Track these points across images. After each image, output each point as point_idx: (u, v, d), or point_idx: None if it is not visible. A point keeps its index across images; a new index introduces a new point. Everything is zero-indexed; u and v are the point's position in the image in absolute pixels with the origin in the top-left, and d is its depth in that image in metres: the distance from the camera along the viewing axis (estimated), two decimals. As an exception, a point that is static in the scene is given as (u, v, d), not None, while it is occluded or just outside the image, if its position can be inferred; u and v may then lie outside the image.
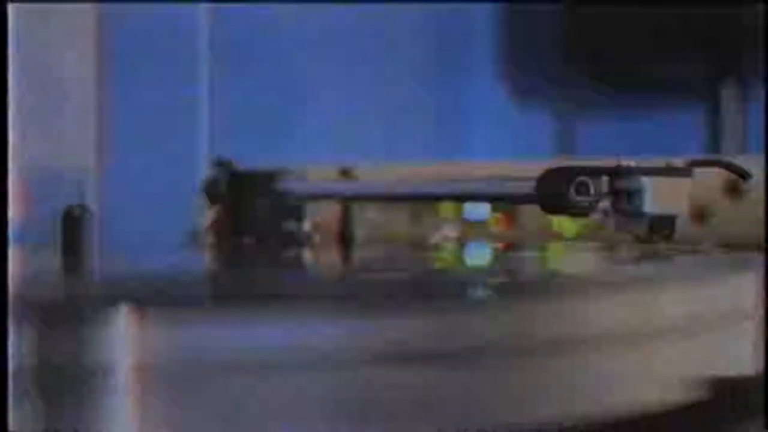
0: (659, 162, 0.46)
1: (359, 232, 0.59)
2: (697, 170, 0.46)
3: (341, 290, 0.37)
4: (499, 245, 0.57)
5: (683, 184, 0.45)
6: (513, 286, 0.38)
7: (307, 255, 0.55)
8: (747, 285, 0.36)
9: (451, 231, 0.60)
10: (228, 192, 0.60)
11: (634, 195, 0.44)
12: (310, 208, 0.59)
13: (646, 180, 0.44)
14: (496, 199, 0.55)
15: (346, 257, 0.54)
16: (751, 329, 0.36)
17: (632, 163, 0.45)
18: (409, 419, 0.26)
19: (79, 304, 0.31)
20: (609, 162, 0.45)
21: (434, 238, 0.60)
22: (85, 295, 0.35)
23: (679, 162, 0.46)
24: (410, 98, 1.14)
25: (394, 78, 1.12)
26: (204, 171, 0.73)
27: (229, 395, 0.24)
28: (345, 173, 0.63)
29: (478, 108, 1.19)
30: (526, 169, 0.46)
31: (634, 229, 0.45)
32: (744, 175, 0.48)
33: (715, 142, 1.11)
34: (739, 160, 0.49)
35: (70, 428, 0.24)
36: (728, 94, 1.11)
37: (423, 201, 0.59)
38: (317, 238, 0.59)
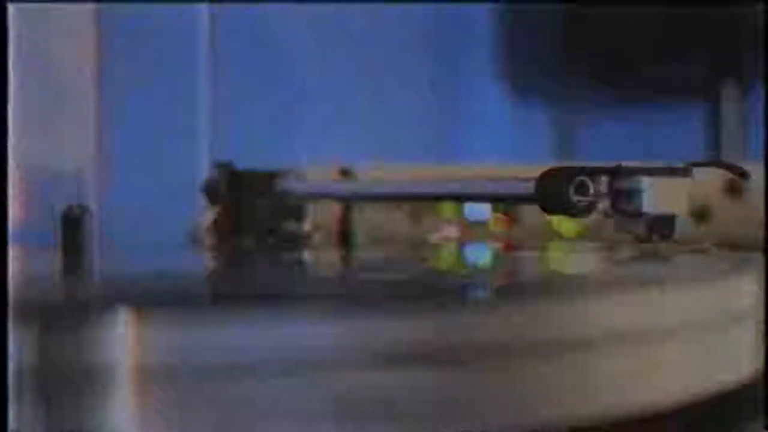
0: (659, 163, 0.46)
1: (359, 232, 0.59)
2: (697, 170, 0.46)
3: (341, 290, 0.37)
4: (499, 245, 0.57)
5: (683, 184, 0.45)
6: (513, 286, 0.39)
7: (307, 255, 0.55)
8: (747, 285, 0.36)
9: (451, 231, 0.60)
10: (228, 192, 0.60)
11: (633, 195, 0.44)
12: (310, 208, 0.59)
13: (645, 180, 0.44)
14: (496, 199, 0.55)
15: (346, 257, 0.54)
16: (751, 329, 0.36)
17: (632, 164, 0.45)
18: (409, 420, 0.26)
19: (79, 304, 0.31)
20: (609, 162, 0.45)
21: (434, 238, 0.60)
22: (85, 296, 0.35)
23: (679, 163, 0.46)
24: (410, 99, 1.14)
25: (394, 78, 1.12)
26: (204, 172, 0.73)
27: (229, 396, 0.24)
28: (345, 173, 0.63)
29: (478, 108, 1.19)
30: (526, 169, 0.46)
31: (634, 229, 0.45)
32: (743, 175, 0.48)
33: (715, 142, 1.11)
34: (739, 162, 0.49)
35: (70, 428, 0.24)
36: (728, 94, 1.11)
37: (423, 201, 0.59)
38: (317, 238, 0.59)
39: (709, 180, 0.51)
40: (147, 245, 0.64)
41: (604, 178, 0.44)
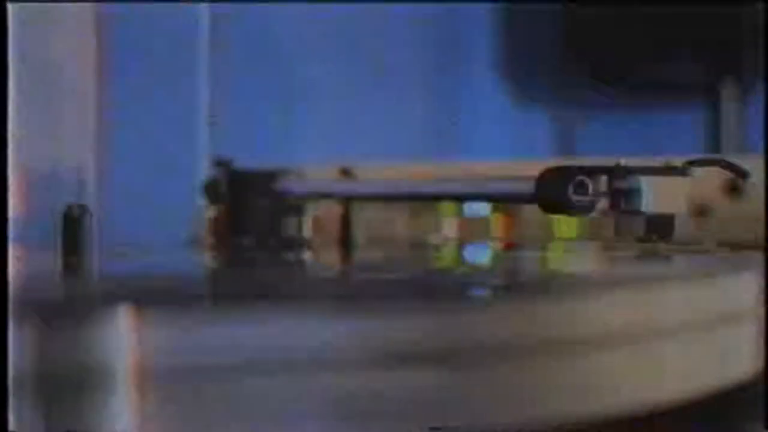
0: (659, 162, 0.46)
1: (359, 232, 0.59)
2: (697, 170, 0.46)
3: (341, 290, 0.37)
4: (499, 245, 0.57)
5: (682, 183, 0.45)
6: (513, 286, 0.39)
7: (307, 255, 0.55)
8: (747, 285, 0.36)
9: (451, 231, 0.60)
10: (228, 192, 0.60)
11: (632, 194, 0.44)
12: (310, 208, 0.59)
13: (644, 180, 0.44)
14: (496, 199, 0.55)
15: (346, 257, 0.54)
16: (751, 329, 0.36)
17: (631, 163, 0.45)
18: (409, 419, 0.26)
19: (79, 304, 0.31)
20: (608, 162, 0.45)
21: (434, 238, 0.60)
22: (85, 295, 0.35)
23: (678, 162, 0.46)
24: (410, 98, 1.14)
25: (394, 78, 1.12)
26: (204, 171, 0.73)
27: (229, 395, 0.24)
28: (345, 173, 0.63)
29: (478, 108, 1.19)
30: (526, 169, 0.46)
31: (634, 229, 0.45)
32: (743, 174, 0.48)
33: (715, 142, 1.11)
34: (739, 160, 0.49)
35: (70, 428, 0.24)
36: (728, 94, 1.11)
37: (423, 201, 0.59)
38: (317, 238, 0.59)
39: (709, 180, 0.51)
40: (147, 245, 0.64)
41: (603, 178, 0.44)
